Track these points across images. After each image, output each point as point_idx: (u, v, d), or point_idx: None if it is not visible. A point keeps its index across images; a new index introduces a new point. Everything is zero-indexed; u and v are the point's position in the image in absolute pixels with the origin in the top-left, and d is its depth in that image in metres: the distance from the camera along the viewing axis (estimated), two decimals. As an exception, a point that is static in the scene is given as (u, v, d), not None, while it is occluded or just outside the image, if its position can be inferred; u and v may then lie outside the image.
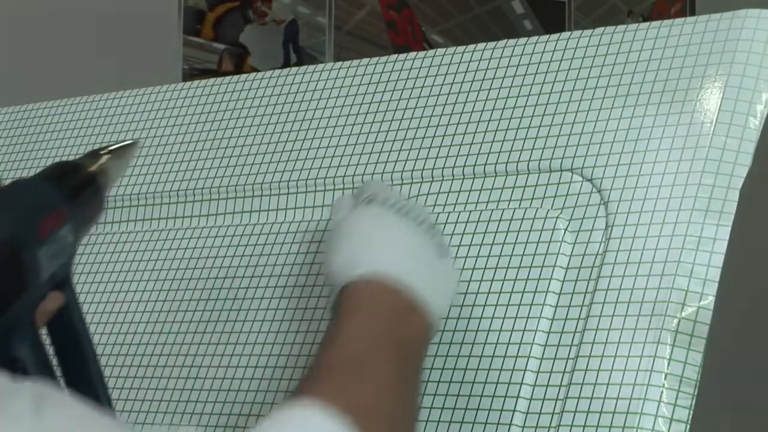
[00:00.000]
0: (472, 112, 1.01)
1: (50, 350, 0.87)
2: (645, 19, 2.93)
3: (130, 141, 1.00)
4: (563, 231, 0.91)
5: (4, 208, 0.85)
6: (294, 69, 1.14)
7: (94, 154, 0.98)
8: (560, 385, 0.85)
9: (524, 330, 0.88)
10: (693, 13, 3.07)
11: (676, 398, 0.82)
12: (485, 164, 0.97)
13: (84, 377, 0.89)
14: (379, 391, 0.76)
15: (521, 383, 0.87)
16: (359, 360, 0.77)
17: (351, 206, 0.90)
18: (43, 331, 0.86)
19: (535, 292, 0.90)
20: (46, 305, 0.85)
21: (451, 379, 0.89)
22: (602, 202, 0.91)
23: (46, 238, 0.85)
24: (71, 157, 1.23)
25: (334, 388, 0.74)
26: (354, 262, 0.83)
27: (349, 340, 0.79)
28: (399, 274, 0.82)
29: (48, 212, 0.87)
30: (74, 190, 0.93)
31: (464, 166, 0.98)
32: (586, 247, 0.90)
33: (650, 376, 0.82)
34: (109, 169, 0.97)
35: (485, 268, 0.93)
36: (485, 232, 0.94)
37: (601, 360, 0.85)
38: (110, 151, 0.99)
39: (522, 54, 1.01)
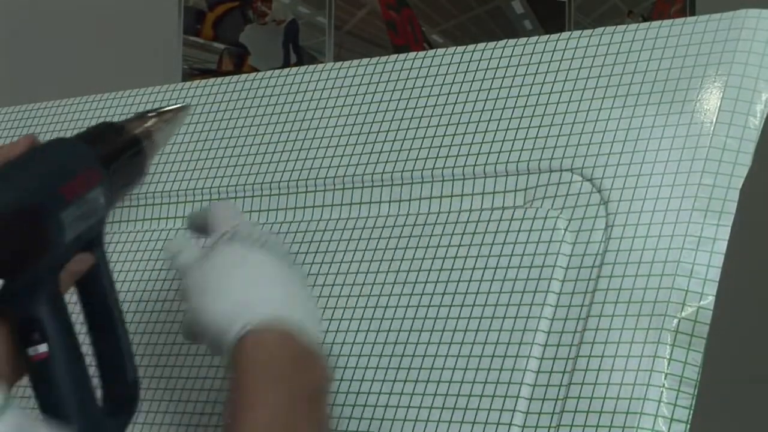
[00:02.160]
0: (472, 112, 1.01)
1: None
2: (645, 19, 2.93)
3: (181, 104, 0.97)
4: (563, 231, 0.91)
5: (28, 169, 0.83)
6: (294, 69, 1.14)
7: (141, 116, 0.95)
8: (560, 385, 0.85)
9: (524, 330, 0.89)
10: (693, 13, 3.07)
11: (676, 398, 0.82)
12: (485, 164, 0.97)
13: (111, 339, 0.88)
14: None
15: (521, 383, 0.87)
16: (282, 423, 0.75)
17: (191, 246, 0.86)
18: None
19: (535, 292, 0.90)
20: (72, 266, 0.84)
21: (451, 379, 0.89)
22: (602, 202, 0.91)
23: (72, 199, 0.83)
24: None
25: None
26: (241, 311, 0.78)
27: (265, 403, 0.75)
28: (290, 318, 0.78)
29: (77, 173, 0.85)
30: (112, 152, 0.90)
31: (464, 166, 0.98)
32: (586, 247, 0.90)
33: (650, 376, 0.82)
34: (155, 132, 0.94)
35: (485, 267, 0.93)
36: (485, 232, 0.94)
37: (601, 360, 0.85)
38: (158, 114, 0.96)
39: (522, 54, 1.01)
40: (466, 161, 0.98)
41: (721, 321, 0.98)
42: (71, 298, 0.86)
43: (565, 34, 1.00)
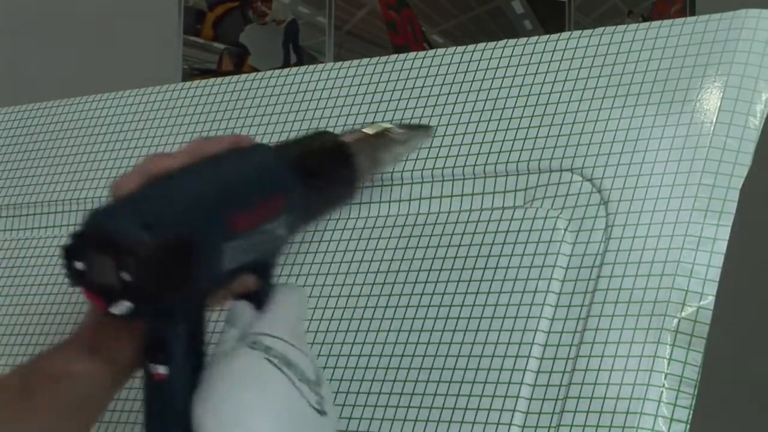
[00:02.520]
0: (472, 112, 1.01)
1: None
2: (645, 19, 2.93)
3: (424, 124, 0.85)
4: (563, 231, 0.91)
5: (206, 182, 0.74)
6: (294, 69, 1.14)
7: (369, 126, 0.84)
8: (560, 385, 0.85)
9: (524, 330, 0.88)
10: (693, 13, 3.07)
11: (676, 398, 0.82)
12: (485, 164, 0.97)
13: None
14: None
15: (521, 383, 0.87)
16: None
17: (239, 325, 0.79)
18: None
19: (535, 292, 0.90)
20: (233, 287, 0.78)
21: (451, 379, 0.89)
22: (602, 202, 0.91)
23: (243, 231, 0.75)
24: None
25: None
26: None
27: None
28: None
29: (260, 201, 0.76)
30: (315, 169, 0.80)
31: (464, 166, 0.98)
32: (586, 247, 0.90)
33: (650, 376, 0.82)
34: (378, 150, 0.84)
35: (485, 268, 0.93)
36: (485, 232, 0.94)
37: (601, 360, 0.85)
38: (391, 128, 0.84)
39: (522, 54, 1.01)
40: (466, 161, 0.98)
41: (721, 321, 0.98)
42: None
43: (565, 34, 1.00)
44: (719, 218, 0.86)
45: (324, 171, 0.82)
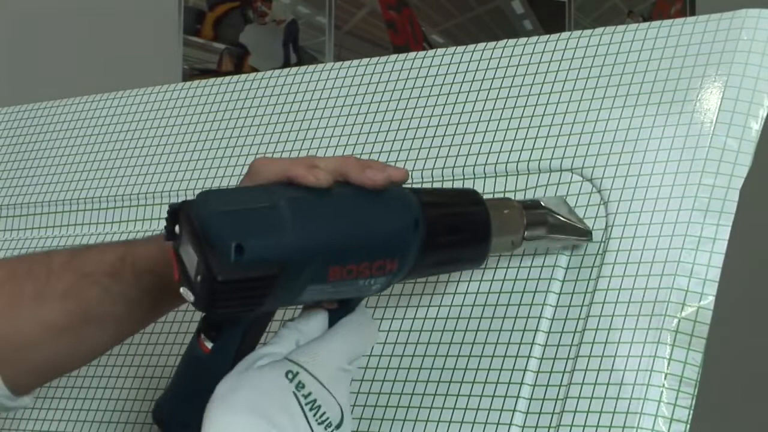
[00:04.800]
0: (472, 112, 1.01)
1: None
2: (645, 19, 2.93)
3: (584, 231, 0.85)
4: (563, 231, 0.91)
5: (309, 235, 0.69)
6: (294, 69, 1.14)
7: (531, 206, 0.81)
8: (560, 385, 0.85)
9: (524, 330, 0.88)
10: (693, 13, 3.07)
11: (676, 398, 0.82)
12: (485, 164, 0.97)
13: None
14: None
15: (521, 383, 0.87)
16: None
17: (289, 345, 0.77)
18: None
19: (535, 291, 0.90)
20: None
21: (451, 379, 0.89)
22: (602, 202, 0.91)
23: (334, 281, 0.71)
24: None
25: None
26: None
27: None
28: None
29: (368, 260, 0.71)
30: (442, 244, 0.75)
31: (464, 166, 0.98)
32: (587, 246, 0.90)
33: (650, 376, 0.82)
34: (518, 237, 0.81)
35: (485, 267, 0.93)
36: (485, 232, 0.94)
37: (601, 360, 0.85)
38: (544, 216, 0.81)
39: (522, 54, 1.01)
40: (466, 161, 0.98)
41: (721, 321, 0.98)
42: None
43: (565, 34, 1.00)
44: (719, 218, 0.86)
45: (454, 247, 0.78)
